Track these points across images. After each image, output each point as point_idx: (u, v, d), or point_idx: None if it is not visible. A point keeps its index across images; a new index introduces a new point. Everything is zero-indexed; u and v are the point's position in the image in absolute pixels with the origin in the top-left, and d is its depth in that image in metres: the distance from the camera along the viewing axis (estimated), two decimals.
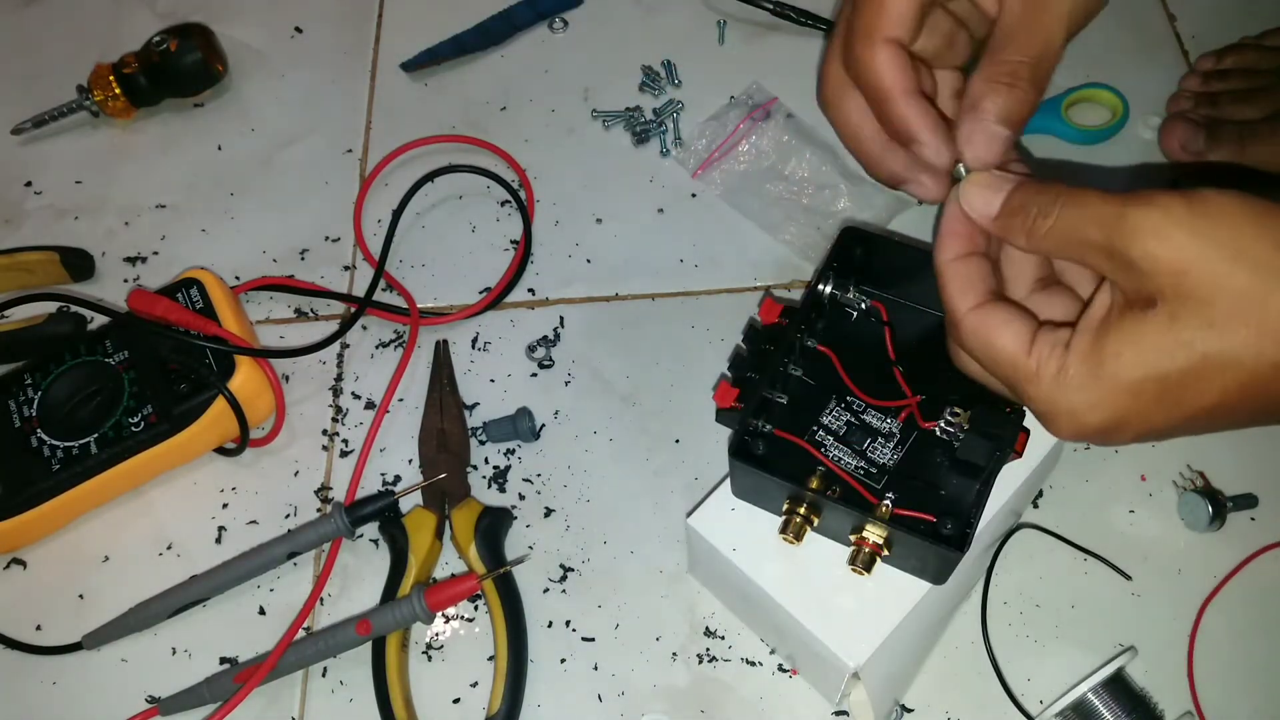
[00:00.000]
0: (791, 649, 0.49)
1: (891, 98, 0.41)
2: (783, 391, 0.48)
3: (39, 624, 0.54)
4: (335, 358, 0.61)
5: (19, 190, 0.68)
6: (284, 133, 0.70)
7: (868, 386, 0.48)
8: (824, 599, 0.45)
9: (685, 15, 0.72)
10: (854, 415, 0.47)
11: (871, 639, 0.44)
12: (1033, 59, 0.39)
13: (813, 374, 0.48)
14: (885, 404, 0.47)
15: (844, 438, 0.47)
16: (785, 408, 0.47)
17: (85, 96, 0.68)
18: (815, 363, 0.49)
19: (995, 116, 0.39)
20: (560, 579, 0.54)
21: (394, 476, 0.57)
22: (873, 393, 0.48)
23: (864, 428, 0.47)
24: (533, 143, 0.68)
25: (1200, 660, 0.50)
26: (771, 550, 0.46)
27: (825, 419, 0.47)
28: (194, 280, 0.59)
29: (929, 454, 0.46)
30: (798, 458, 0.46)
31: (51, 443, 0.55)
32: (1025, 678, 0.50)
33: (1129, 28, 0.69)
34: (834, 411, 0.48)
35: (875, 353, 0.49)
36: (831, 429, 0.47)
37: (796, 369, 0.48)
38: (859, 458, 0.46)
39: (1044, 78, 0.40)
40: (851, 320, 0.50)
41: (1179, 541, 0.53)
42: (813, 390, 0.48)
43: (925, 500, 0.44)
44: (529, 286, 0.63)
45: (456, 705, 0.51)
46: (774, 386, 0.47)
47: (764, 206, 0.64)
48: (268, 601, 0.54)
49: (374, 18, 0.74)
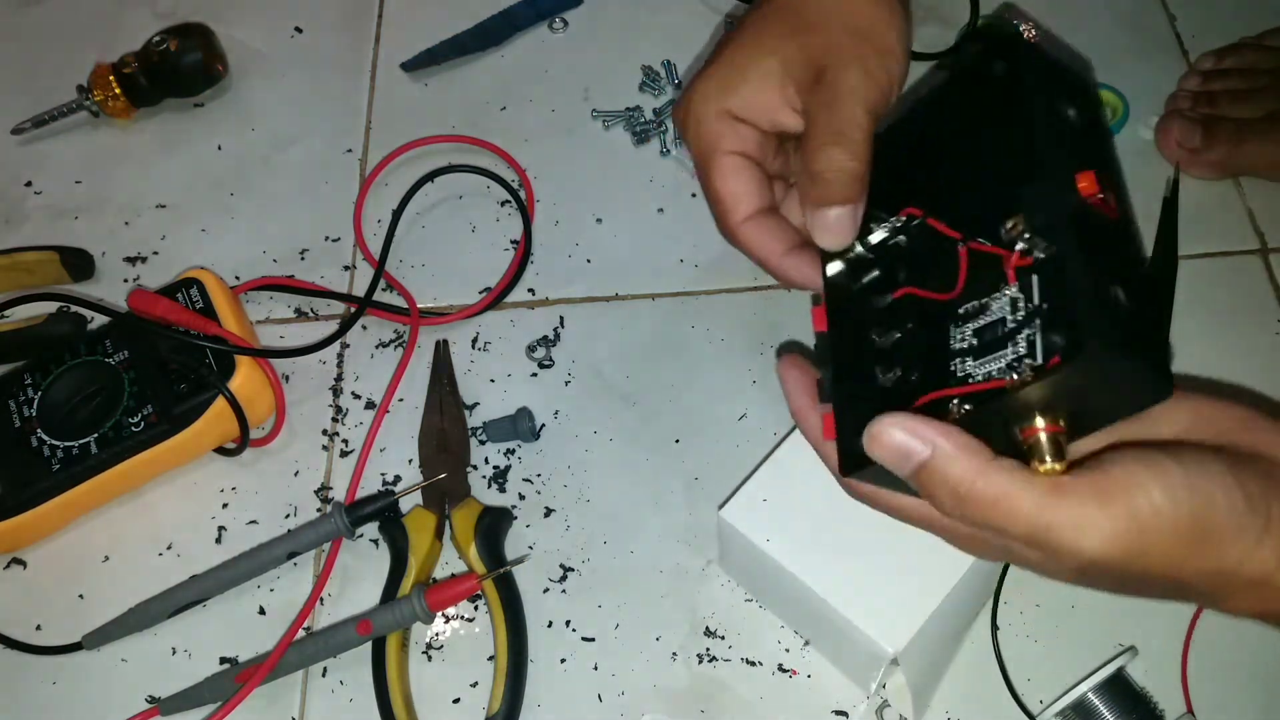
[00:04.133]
0: (827, 639, 0.50)
1: (772, 265, 0.47)
2: (888, 368, 0.40)
3: (39, 624, 0.54)
4: (335, 358, 0.61)
5: (19, 190, 0.68)
6: (284, 132, 0.70)
7: (952, 286, 0.38)
8: (860, 587, 0.45)
9: (685, 15, 0.72)
10: (972, 320, 0.37)
11: (909, 625, 0.44)
12: (834, 135, 0.43)
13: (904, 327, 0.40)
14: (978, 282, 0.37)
15: (977, 348, 0.37)
16: (902, 379, 0.39)
17: (85, 96, 0.68)
18: (900, 316, 0.40)
19: (824, 202, 0.42)
20: (560, 579, 0.54)
21: (394, 476, 0.57)
22: (968, 290, 0.37)
23: (991, 326, 0.36)
24: (533, 143, 0.68)
25: (1195, 661, 0.50)
26: (805, 540, 0.46)
27: (954, 346, 0.37)
28: (194, 280, 0.59)
29: (1054, 284, 0.35)
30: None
31: (51, 443, 0.55)
32: (1025, 677, 0.50)
33: (1129, 28, 0.69)
34: (958, 337, 0.37)
35: (937, 253, 0.39)
36: (962, 348, 0.37)
37: (885, 333, 0.40)
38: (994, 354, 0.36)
39: (858, 142, 0.42)
40: (902, 245, 0.42)
41: None
42: (919, 341, 0.39)
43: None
44: (529, 286, 0.63)
45: (456, 705, 0.51)
46: (881, 366, 0.40)
47: None
48: (268, 601, 0.54)
49: (374, 18, 0.74)
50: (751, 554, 0.47)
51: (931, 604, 0.44)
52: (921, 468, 0.35)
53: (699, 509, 0.55)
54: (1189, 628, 0.51)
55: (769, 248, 0.47)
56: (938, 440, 0.34)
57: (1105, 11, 0.70)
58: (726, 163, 0.46)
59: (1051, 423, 0.34)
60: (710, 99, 0.46)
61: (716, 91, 0.46)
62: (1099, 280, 0.34)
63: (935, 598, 0.44)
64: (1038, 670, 0.50)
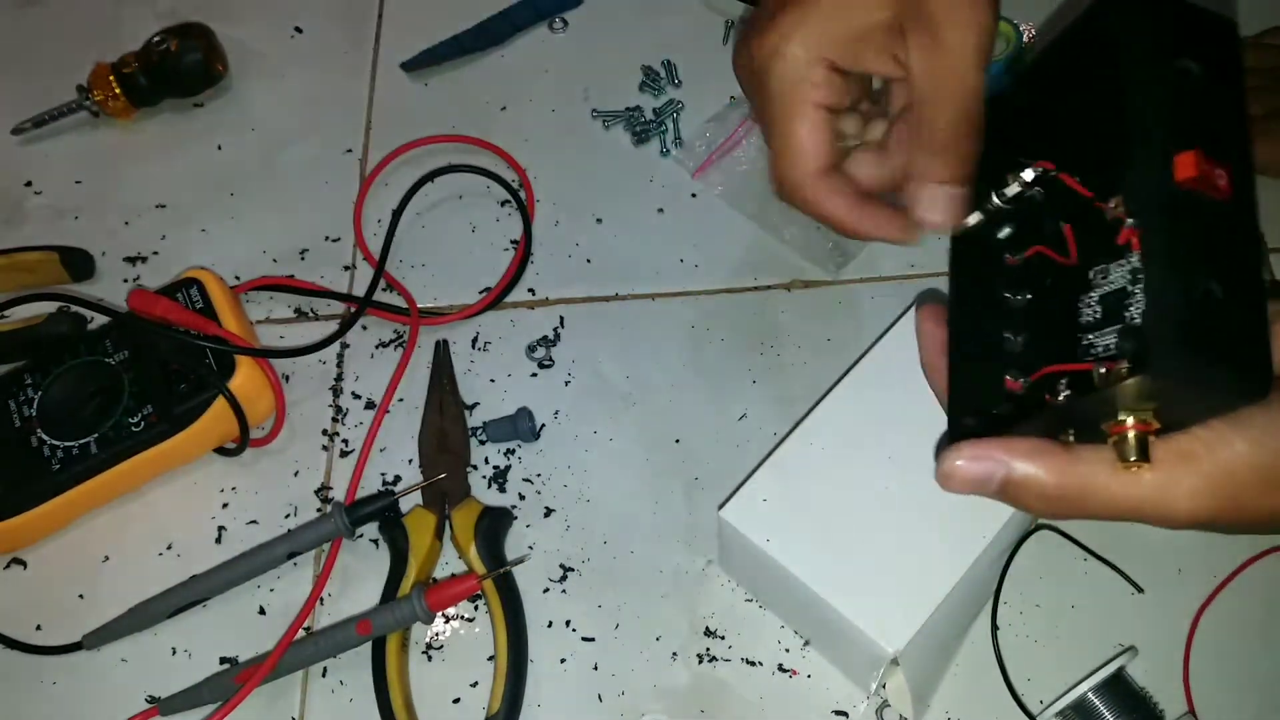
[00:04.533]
0: (827, 639, 0.50)
1: (844, 220, 0.44)
2: (1017, 330, 0.38)
3: (39, 624, 0.54)
4: (335, 358, 0.61)
5: (19, 190, 0.68)
6: (284, 133, 0.70)
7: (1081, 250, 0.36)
8: (860, 587, 0.45)
9: (685, 15, 0.72)
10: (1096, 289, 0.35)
11: (909, 625, 0.44)
12: (955, 119, 0.40)
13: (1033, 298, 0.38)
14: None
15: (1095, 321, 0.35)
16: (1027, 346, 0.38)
17: (85, 96, 0.68)
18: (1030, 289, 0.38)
19: (941, 179, 0.40)
20: (560, 579, 0.54)
21: (394, 476, 0.57)
22: (1093, 254, 0.35)
23: (1113, 295, 0.34)
24: (533, 143, 0.68)
25: (1197, 662, 0.50)
26: (805, 540, 0.46)
27: (1082, 318, 0.35)
28: (194, 280, 0.59)
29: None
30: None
31: (51, 443, 0.55)
32: (1025, 677, 0.50)
33: None
34: (1087, 304, 0.35)
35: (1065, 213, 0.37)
36: (1088, 321, 0.35)
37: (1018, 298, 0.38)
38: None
39: (974, 125, 0.40)
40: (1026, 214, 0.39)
41: (1179, 541, 0.53)
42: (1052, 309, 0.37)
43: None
44: (529, 286, 0.63)
45: (456, 705, 0.51)
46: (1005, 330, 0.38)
47: (764, 206, 0.64)
48: (268, 601, 0.54)
49: (374, 18, 0.74)
50: (751, 554, 0.47)
51: (931, 604, 0.44)
52: (1004, 486, 0.35)
53: (699, 509, 0.55)
54: (1191, 627, 0.51)
55: (839, 205, 0.44)
56: (1008, 459, 0.35)
57: None
58: (812, 115, 0.43)
59: (1140, 422, 0.33)
60: (809, 43, 0.42)
61: (817, 36, 0.42)
62: (1186, 278, 0.32)
63: (935, 597, 0.44)
64: (1038, 670, 0.50)
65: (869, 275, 0.61)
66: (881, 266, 0.62)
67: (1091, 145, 0.36)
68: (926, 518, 0.46)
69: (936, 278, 0.61)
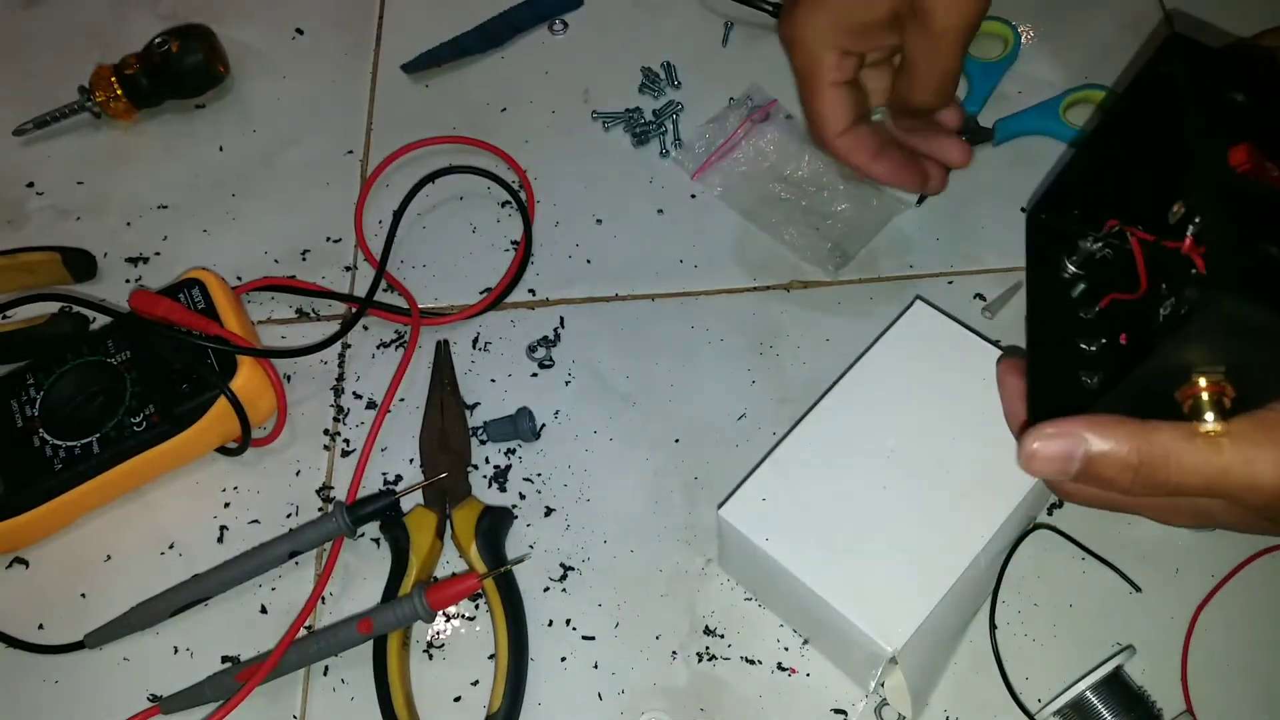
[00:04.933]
0: (826, 638, 0.50)
1: (864, 169, 0.57)
2: (1092, 372, 0.42)
3: (41, 623, 0.55)
4: (336, 358, 0.61)
5: (21, 191, 0.68)
6: (285, 134, 0.70)
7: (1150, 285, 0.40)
8: (859, 586, 0.45)
9: (685, 17, 0.72)
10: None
11: (908, 623, 0.44)
12: (941, 82, 0.53)
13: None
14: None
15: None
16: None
17: (87, 98, 0.68)
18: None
19: (931, 106, 0.55)
20: (560, 578, 0.54)
21: (395, 476, 0.57)
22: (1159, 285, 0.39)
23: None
24: (533, 144, 0.68)
25: (1195, 660, 0.50)
26: (804, 539, 0.46)
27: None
28: (196, 280, 0.59)
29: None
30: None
31: (54, 442, 0.55)
32: (1023, 676, 0.50)
33: (1128, 29, 0.70)
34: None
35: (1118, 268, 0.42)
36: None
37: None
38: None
39: (952, 82, 0.54)
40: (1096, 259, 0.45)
41: (1176, 541, 0.53)
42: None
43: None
44: (529, 287, 0.63)
45: (457, 704, 0.51)
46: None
47: (764, 207, 0.64)
48: (269, 600, 0.54)
49: (375, 19, 0.74)
50: (751, 553, 0.47)
51: (930, 603, 0.45)
52: (1087, 460, 0.36)
53: (699, 509, 0.55)
54: (1189, 626, 0.51)
55: (860, 156, 0.56)
56: (1087, 433, 0.36)
57: (1105, 11, 0.70)
58: (830, 92, 0.54)
59: (1212, 383, 0.35)
60: (823, 35, 0.53)
61: (829, 28, 0.52)
62: (1241, 236, 0.34)
63: (934, 596, 0.45)
64: (1036, 669, 0.50)
65: (869, 275, 0.62)
66: (881, 267, 0.62)
67: (1156, 178, 0.39)
68: (925, 517, 0.46)
69: (936, 278, 0.61)
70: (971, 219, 0.63)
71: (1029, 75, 0.55)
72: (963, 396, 0.48)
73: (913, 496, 0.47)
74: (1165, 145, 0.39)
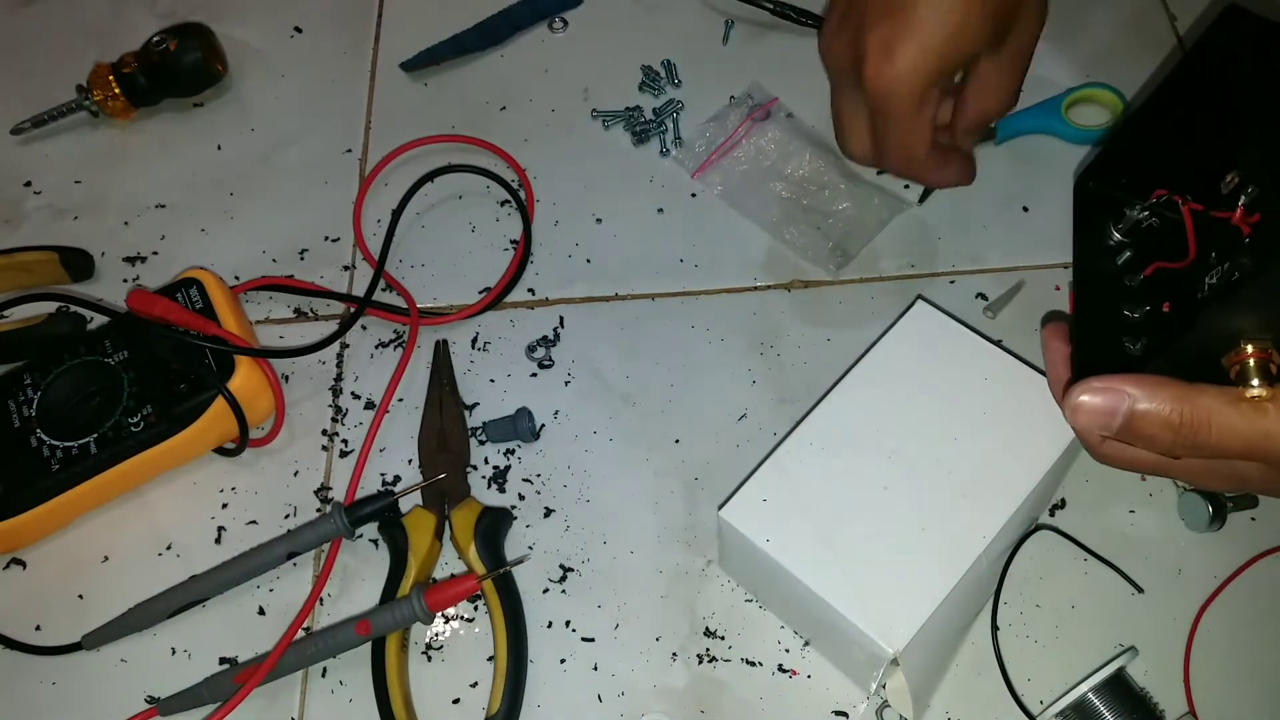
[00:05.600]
0: (827, 639, 0.50)
1: (943, 182, 0.58)
2: (1136, 338, 0.42)
3: (38, 624, 0.54)
4: (335, 358, 0.61)
5: (18, 190, 0.68)
6: (284, 132, 0.70)
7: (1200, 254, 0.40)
8: (860, 587, 0.45)
9: (685, 15, 0.72)
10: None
11: (909, 625, 0.44)
12: (1009, 100, 0.55)
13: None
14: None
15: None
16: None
17: (85, 96, 0.68)
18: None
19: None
20: (560, 579, 0.54)
21: (394, 476, 0.57)
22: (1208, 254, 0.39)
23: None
24: (532, 142, 0.68)
25: (1197, 662, 0.50)
26: (805, 540, 0.46)
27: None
28: (193, 280, 0.59)
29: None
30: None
31: (51, 443, 0.55)
32: (1025, 678, 0.50)
33: (1129, 28, 0.69)
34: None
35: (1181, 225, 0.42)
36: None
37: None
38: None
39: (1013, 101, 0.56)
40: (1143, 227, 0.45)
41: (1179, 541, 0.53)
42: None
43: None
44: (529, 286, 0.63)
45: (456, 705, 0.51)
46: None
47: (764, 206, 0.64)
48: (267, 602, 0.54)
49: (374, 18, 0.74)
50: (751, 554, 0.47)
51: (931, 604, 0.44)
52: (1130, 416, 0.37)
53: (699, 509, 0.55)
54: (1191, 627, 0.51)
55: (943, 174, 0.57)
56: (1133, 389, 0.36)
57: (1105, 11, 0.70)
58: (925, 125, 0.53)
59: (1260, 349, 0.36)
60: (928, 74, 0.50)
61: (932, 69, 0.50)
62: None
63: (935, 598, 0.44)
64: (1038, 670, 0.50)
65: (869, 275, 0.61)
66: (881, 266, 0.62)
67: (1207, 149, 0.40)
68: (927, 518, 0.46)
69: (935, 278, 0.61)
70: (974, 218, 0.63)
71: (1030, 74, 0.55)
72: (965, 397, 0.48)
73: (914, 497, 0.46)
74: (1218, 116, 0.40)
